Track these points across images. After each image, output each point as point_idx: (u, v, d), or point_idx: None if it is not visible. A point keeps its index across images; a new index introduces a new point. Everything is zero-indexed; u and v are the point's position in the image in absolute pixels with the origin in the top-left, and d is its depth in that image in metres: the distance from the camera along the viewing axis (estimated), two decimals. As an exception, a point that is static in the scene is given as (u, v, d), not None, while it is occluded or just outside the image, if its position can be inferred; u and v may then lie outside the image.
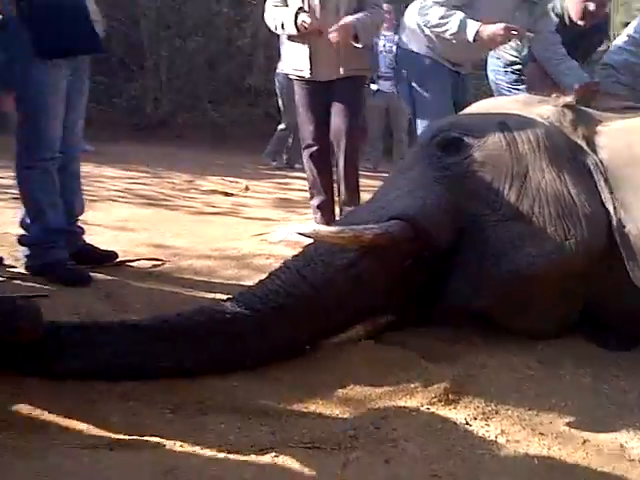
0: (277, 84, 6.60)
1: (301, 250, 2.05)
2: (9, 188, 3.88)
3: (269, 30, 3.41)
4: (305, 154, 3.42)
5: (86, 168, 2.93)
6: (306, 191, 5.39)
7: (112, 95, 7.56)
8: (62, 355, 1.73)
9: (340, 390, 1.75)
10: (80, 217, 2.79)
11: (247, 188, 5.31)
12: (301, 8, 3.07)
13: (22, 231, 2.59)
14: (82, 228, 2.79)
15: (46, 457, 1.40)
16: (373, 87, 6.74)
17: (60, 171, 2.55)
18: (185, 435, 1.53)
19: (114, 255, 2.79)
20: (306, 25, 3.02)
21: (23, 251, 2.58)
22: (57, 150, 2.50)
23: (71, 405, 1.62)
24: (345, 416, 1.64)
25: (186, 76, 8.52)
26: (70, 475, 1.34)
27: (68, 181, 2.63)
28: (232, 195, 4.98)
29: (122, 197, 4.50)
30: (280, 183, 5.88)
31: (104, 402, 1.65)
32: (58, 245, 2.53)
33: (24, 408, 1.57)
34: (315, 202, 3.43)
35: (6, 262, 2.64)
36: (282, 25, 3.15)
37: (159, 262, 2.91)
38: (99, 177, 4.79)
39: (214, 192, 5.04)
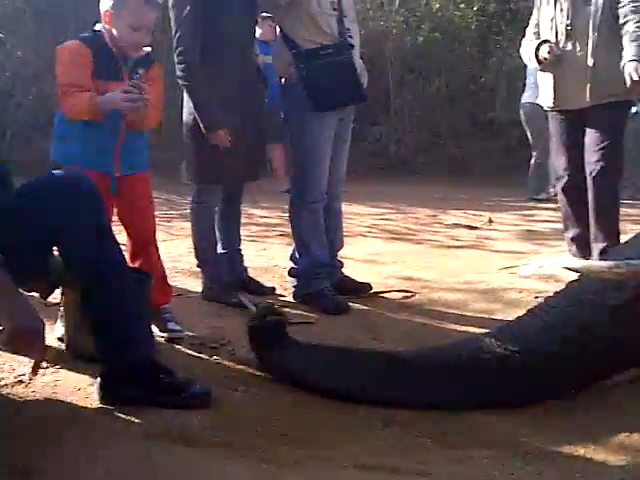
0: (522, 115, 6.42)
1: (564, 287, 1.95)
2: (276, 226, 4.35)
3: (522, 62, 3.38)
4: (558, 185, 3.27)
5: (339, 206, 3.14)
6: (554, 222, 5.15)
7: (359, 138, 8.03)
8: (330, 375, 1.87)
9: (613, 436, 1.62)
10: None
11: (491, 220, 5.22)
12: (545, 41, 3.02)
13: (292, 264, 2.87)
14: (341, 262, 2.99)
15: (320, 473, 1.48)
16: (632, 110, 6.20)
17: (324, 210, 2.78)
18: (447, 466, 1.53)
19: (369, 287, 2.94)
20: (545, 56, 2.97)
21: (291, 282, 2.85)
22: (324, 192, 2.73)
23: (336, 426, 1.72)
24: (621, 464, 1.51)
25: (427, 116, 8.73)
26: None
27: (331, 219, 2.85)
28: (476, 228, 4.93)
29: (370, 232, 4.73)
30: (525, 215, 5.66)
31: (367, 426, 1.72)
32: (321, 277, 2.75)
33: (300, 423, 1.71)
34: (569, 234, 3.24)
35: (277, 292, 2.94)
36: (529, 58, 3.13)
37: (410, 294, 2.99)
38: (350, 214, 5.09)
39: (457, 225, 5.04)
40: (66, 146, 2.17)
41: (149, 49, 2.25)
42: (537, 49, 3.02)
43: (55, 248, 1.71)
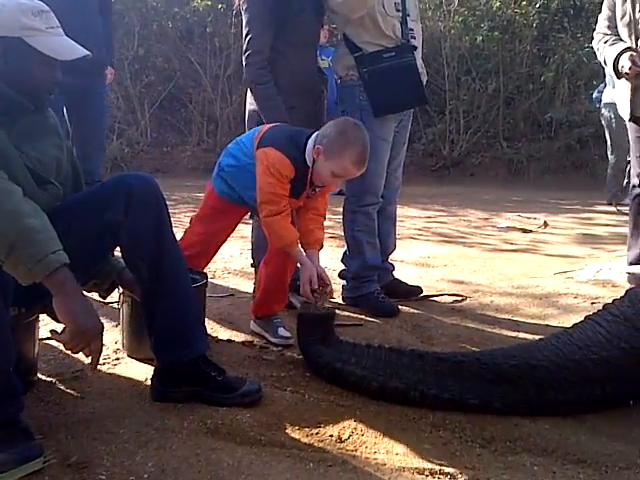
0: (604, 115, 6.20)
1: (625, 294, 1.89)
2: (326, 228, 4.35)
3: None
4: (631, 194, 3.09)
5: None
6: (613, 226, 5.02)
7: (412, 139, 8.00)
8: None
9: (671, 447, 1.57)
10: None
11: (546, 224, 5.12)
12: (629, 48, 2.77)
13: (342, 266, 2.88)
14: (393, 265, 2.98)
15: (367, 475, 1.49)
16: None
17: (378, 213, 2.77)
18: (496, 472, 1.51)
19: (419, 290, 2.93)
20: (626, 71, 2.75)
21: (343, 284, 2.86)
22: (380, 196, 2.72)
23: (384, 428, 1.71)
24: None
25: (483, 116, 8.62)
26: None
27: (384, 222, 2.83)
28: (530, 231, 4.84)
29: (422, 235, 4.70)
30: (583, 218, 5.54)
31: (416, 429, 1.72)
32: (372, 279, 2.75)
33: (347, 424, 1.71)
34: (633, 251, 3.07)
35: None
36: (604, 61, 2.92)
37: (460, 298, 2.96)
38: (401, 216, 5.06)
39: (511, 229, 4.95)
40: (228, 188, 2.27)
41: None
42: (617, 57, 2.76)
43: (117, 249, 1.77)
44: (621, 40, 2.84)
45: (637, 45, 2.78)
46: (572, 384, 1.75)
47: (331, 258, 3.39)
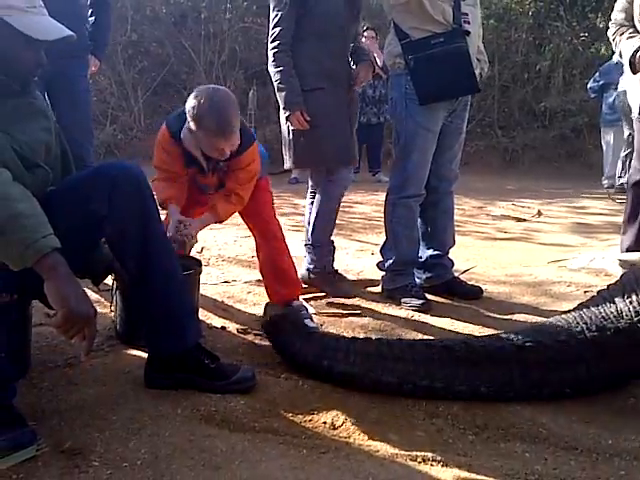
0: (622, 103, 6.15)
1: (618, 280, 1.90)
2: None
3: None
4: (630, 180, 3.03)
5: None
6: (606, 215, 5.03)
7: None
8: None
9: (662, 434, 1.58)
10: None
11: (540, 213, 5.13)
12: None
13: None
14: (452, 261, 2.89)
15: (360, 462, 1.49)
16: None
17: (434, 206, 2.74)
18: (488, 458, 1.52)
19: (479, 290, 2.81)
20: None
21: (382, 275, 2.81)
22: (422, 188, 2.65)
23: (378, 416, 1.72)
24: (670, 464, 1.47)
25: (478, 105, 8.59)
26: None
27: (440, 216, 2.79)
28: (524, 220, 4.85)
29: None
30: (576, 207, 5.55)
31: (409, 417, 1.72)
32: (406, 273, 2.71)
33: (341, 412, 1.71)
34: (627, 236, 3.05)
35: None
36: (620, 54, 2.83)
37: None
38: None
39: (505, 217, 4.96)
40: None
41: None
42: (634, 53, 2.68)
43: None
44: (638, 33, 2.76)
45: None
46: (557, 364, 1.76)
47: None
